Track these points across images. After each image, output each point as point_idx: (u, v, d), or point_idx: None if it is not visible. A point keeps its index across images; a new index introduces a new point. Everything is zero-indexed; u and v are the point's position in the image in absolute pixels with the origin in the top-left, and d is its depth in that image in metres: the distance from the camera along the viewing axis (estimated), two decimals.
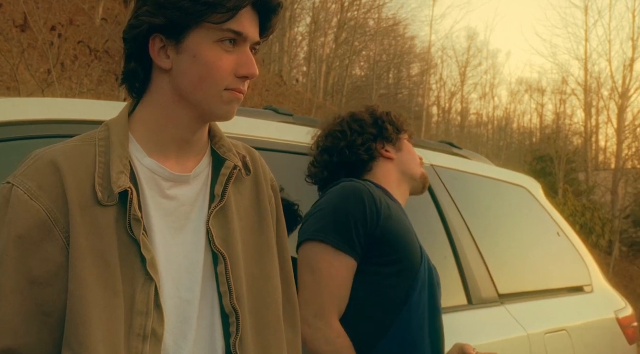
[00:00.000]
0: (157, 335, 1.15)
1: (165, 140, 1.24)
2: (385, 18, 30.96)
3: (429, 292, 1.78)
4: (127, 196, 1.15)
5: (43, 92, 7.25)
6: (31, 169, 1.15)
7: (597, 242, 17.29)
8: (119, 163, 1.17)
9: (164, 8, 1.17)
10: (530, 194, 3.51)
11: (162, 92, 1.23)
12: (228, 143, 1.34)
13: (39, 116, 1.70)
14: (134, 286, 1.14)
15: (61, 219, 1.12)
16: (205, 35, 1.19)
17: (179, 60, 1.20)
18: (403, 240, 1.77)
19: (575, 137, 29.01)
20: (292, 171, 2.24)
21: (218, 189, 1.27)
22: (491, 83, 38.46)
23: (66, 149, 1.19)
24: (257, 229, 1.35)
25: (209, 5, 1.16)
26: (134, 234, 1.15)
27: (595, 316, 3.21)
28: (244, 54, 1.22)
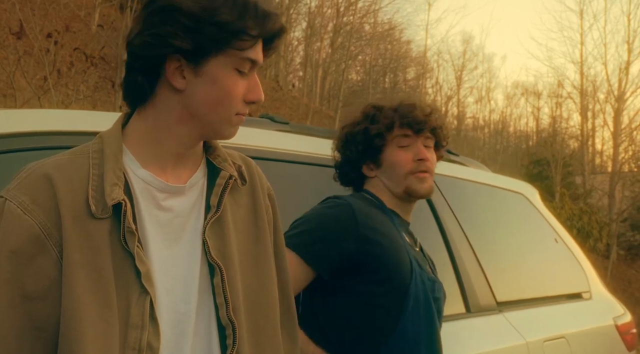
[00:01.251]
0: (153, 349, 1.13)
1: (162, 153, 1.23)
2: (381, 23, 31.06)
3: (425, 307, 1.75)
4: (121, 209, 1.14)
5: (39, 100, 7.23)
6: (24, 183, 1.14)
7: (595, 246, 17.30)
8: (113, 175, 1.16)
9: (190, 31, 1.15)
10: (528, 201, 3.51)
11: (169, 110, 1.22)
12: (224, 153, 1.34)
13: (34, 127, 1.69)
14: (129, 299, 1.13)
15: (55, 233, 1.11)
16: (226, 61, 1.19)
17: (196, 83, 1.19)
18: (388, 260, 1.74)
19: (571, 140, 29.08)
20: (289, 179, 2.23)
21: (214, 200, 1.26)
22: (487, 87, 38.57)
23: (60, 162, 1.18)
24: (253, 239, 1.34)
25: (234, 34, 1.17)
26: (128, 247, 1.14)
27: (594, 323, 3.20)
28: (253, 79, 1.25)
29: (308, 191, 2.10)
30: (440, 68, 36.43)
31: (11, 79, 7.61)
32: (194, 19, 1.15)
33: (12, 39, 9.32)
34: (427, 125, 1.88)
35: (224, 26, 1.15)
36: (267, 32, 1.21)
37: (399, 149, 1.89)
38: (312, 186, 2.06)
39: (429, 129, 1.89)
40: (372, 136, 1.89)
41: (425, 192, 1.88)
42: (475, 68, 37.62)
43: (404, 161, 1.87)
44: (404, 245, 1.81)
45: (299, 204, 1.97)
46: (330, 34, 27.38)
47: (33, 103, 7.35)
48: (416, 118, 1.88)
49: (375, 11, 29.68)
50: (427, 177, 1.87)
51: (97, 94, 10.90)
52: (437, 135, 1.93)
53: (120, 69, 8.92)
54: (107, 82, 11.41)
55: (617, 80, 24.74)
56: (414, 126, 1.87)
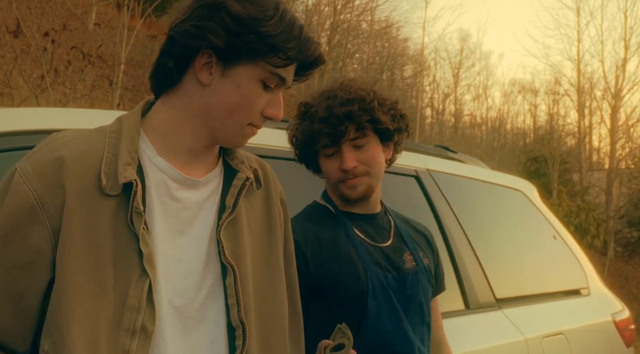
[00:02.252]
0: (147, 332, 1.13)
1: (176, 146, 1.25)
2: (378, 20, 31.02)
3: (390, 310, 1.73)
4: (131, 189, 1.15)
5: (37, 98, 7.22)
6: (37, 153, 1.17)
7: (592, 243, 17.32)
8: (127, 155, 1.18)
9: (231, 33, 1.17)
10: (527, 198, 3.51)
11: (189, 102, 1.23)
12: (241, 155, 1.35)
13: (33, 126, 1.68)
14: (128, 280, 1.13)
15: (50, 205, 1.12)
16: (255, 71, 1.21)
17: (221, 82, 1.21)
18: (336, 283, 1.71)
19: (568, 137, 29.06)
20: (286, 177, 2.23)
21: (229, 201, 1.27)
22: (484, 84, 38.52)
23: (78, 136, 1.20)
24: (266, 242, 1.35)
25: (272, 49, 1.18)
26: (134, 228, 1.15)
27: (592, 320, 3.21)
28: (276, 96, 1.26)
29: (305, 189, 2.10)
30: (437, 66, 36.43)
31: (8, 78, 7.59)
32: (237, 22, 1.17)
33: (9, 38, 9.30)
34: (348, 130, 1.73)
35: (264, 38, 1.18)
36: (304, 57, 1.23)
37: (325, 158, 1.80)
38: (309, 183, 2.06)
39: (352, 132, 1.74)
40: (302, 148, 1.84)
41: (359, 196, 1.79)
42: (473, 66, 37.61)
43: (331, 171, 1.79)
44: (359, 253, 1.76)
45: (300, 202, 1.97)
46: (328, 31, 27.35)
47: (30, 102, 7.34)
48: (333, 126, 1.73)
49: (372, 9, 29.69)
50: (356, 183, 1.77)
51: (94, 92, 10.88)
52: (375, 130, 1.77)
53: (118, 67, 8.90)
54: (105, 81, 11.40)
55: (614, 78, 24.79)
56: (333, 136, 1.74)
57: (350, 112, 1.73)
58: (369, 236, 1.83)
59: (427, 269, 1.87)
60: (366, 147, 1.77)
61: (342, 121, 1.72)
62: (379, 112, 1.76)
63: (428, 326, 1.85)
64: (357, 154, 1.76)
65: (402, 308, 1.76)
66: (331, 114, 1.73)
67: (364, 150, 1.77)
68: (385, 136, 1.81)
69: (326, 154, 1.79)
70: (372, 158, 1.78)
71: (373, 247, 1.81)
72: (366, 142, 1.77)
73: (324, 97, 1.79)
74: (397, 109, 1.84)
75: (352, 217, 1.84)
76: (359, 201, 1.81)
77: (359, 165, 1.76)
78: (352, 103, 1.74)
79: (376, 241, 1.83)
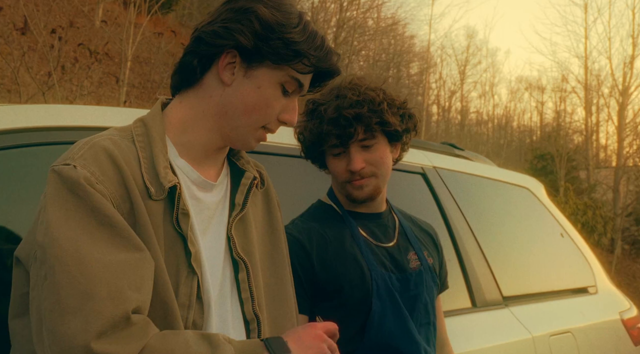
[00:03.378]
0: (197, 327, 1.18)
1: (195, 144, 1.27)
2: (385, 17, 30.94)
3: (394, 310, 1.73)
4: (174, 191, 1.18)
5: (44, 95, 7.23)
6: (89, 155, 1.15)
7: (599, 241, 17.26)
8: (163, 158, 1.21)
9: (257, 36, 1.21)
10: (533, 195, 3.50)
11: (209, 100, 1.26)
12: (246, 156, 1.39)
13: (40, 123, 1.69)
14: (177, 279, 1.17)
15: (122, 206, 1.14)
16: (277, 75, 1.24)
17: (242, 82, 1.25)
18: (342, 284, 1.72)
19: (575, 135, 28.96)
20: (292, 174, 2.23)
21: (239, 199, 1.32)
22: (491, 82, 38.37)
23: (115, 140, 1.20)
24: (269, 240, 1.40)
25: (298, 55, 1.22)
26: (180, 228, 1.18)
27: (600, 318, 3.19)
28: (292, 101, 1.29)
29: (311, 186, 2.10)
30: (443, 63, 36.28)
31: (15, 75, 7.61)
32: (265, 26, 1.21)
33: (16, 35, 9.32)
34: (357, 132, 1.72)
35: (289, 44, 1.21)
36: (326, 66, 1.28)
37: (333, 157, 1.80)
38: (315, 181, 2.06)
39: (361, 134, 1.73)
40: (309, 146, 1.84)
41: (365, 197, 1.79)
42: (479, 63, 37.46)
43: (338, 171, 1.79)
44: (363, 253, 1.77)
45: (302, 198, 1.97)
46: (334, 29, 27.30)
47: (37, 99, 7.35)
48: (342, 127, 1.72)
49: (378, 6, 29.60)
50: (363, 184, 1.76)
51: (101, 89, 10.90)
52: (384, 131, 1.77)
53: (124, 65, 8.91)
54: (111, 78, 11.41)
55: (621, 75, 24.62)
56: (341, 137, 1.73)
57: (360, 114, 1.72)
58: (374, 236, 1.83)
59: (431, 269, 1.87)
60: (374, 148, 1.76)
61: (351, 122, 1.72)
62: (388, 113, 1.75)
63: (434, 325, 1.85)
64: (365, 155, 1.75)
65: (407, 308, 1.76)
66: (340, 115, 1.72)
67: (372, 151, 1.76)
68: (393, 136, 1.80)
69: (334, 154, 1.79)
70: (379, 159, 1.77)
71: (377, 247, 1.81)
72: (374, 143, 1.76)
73: (332, 95, 1.78)
74: (406, 109, 1.83)
75: (357, 216, 1.84)
76: (365, 201, 1.81)
77: (367, 166, 1.75)
78: (362, 105, 1.73)
79: (381, 240, 1.83)
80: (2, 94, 8.76)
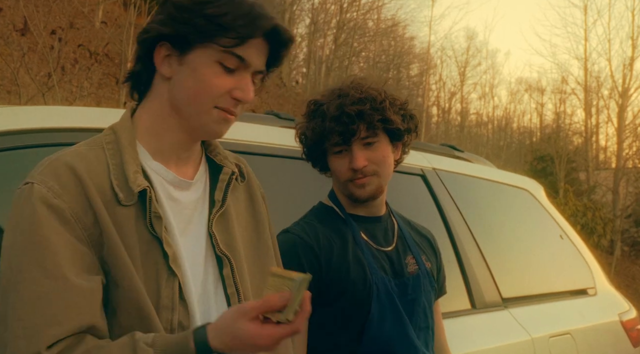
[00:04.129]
0: (184, 328, 1.18)
1: (165, 146, 1.27)
2: (385, 19, 30.95)
3: (393, 314, 1.73)
4: (145, 195, 1.18)
5: (44, 96, 7.23)
6: (49, 170, 1.16)
7: (599, 243, 17.25)
8: (133, 163, 1.21)
9: (176, 21, 1.20)
10: (533, 197, 3.50)
11: (161, 100, 1.26)
12: (223, 151, 1.39)
13: (39, 124, 1.69)
14: (158, 282, 1.17)
15: (84, 218, 1.14)
16: (210, 53, 1.21)
17: (180, 71, 1.23)
18: (346, 286, 1.72)
19: (575, 136, 28.95)
20: (294, 176, 2.23)
21: (218, 195, 1.31)
22: (491, 83, 38.34)
23: (78, 152, 1.21)
24: (254, 234, 1.40)
25: (221, 28, 1.19)
26: (155, 231, 1.18)
27: (599, 320, 3.19)
28: (243, 78, 1.24)
29: (313, 187, 2.10)
30: (443, 64, 36.27)
31: (15, 76, 7.61)
32: (181, 9, 1.20)
33: (16, 36, 9.32)
34: (359, 129, 1.72)
35: (211, 19, 1.18)
36: (255, 33, 1.21)
37: (335, 156, 1.79)
38: (317, 182, 2.06)
39: (363, 131, 1.72)
40: (310, 146, 1.83)
41: (367, 196, 1.78)
42: (479, 64, 37.44)
43: (340, 169, 1.78)
44: (365, 257, 1.77)
45: (304, 200, 1.97)
46: (334, 30, 27.32)
47: (37, 100, 7.35)
48: (344, 124, 1.71)
49: (378, 7, 29.62)
50: (365, 182, 1.76)
51: (101, 90, 10.90)
52: (386, 129, 1.77)
53: (124, 65, 8.92)
54: (111, 79, 11.41)
55: (621, 76, 24.63)
56: (343, 135, 1.73)
57: (362, 111, 1.72)
58: (374, 240, 1.83)
59: (429, 273, 1.87)
60: (376, 147, 1.76)
61: (354, 119, 1.72)
62: (390, 112, 1.75)
63: (432, 330, 1.85)
64: (367, 154, 1.75)
65: (406, 312, 1.76)
66: (343, 113, 1.72)
67: (374, 149, 1.76)
68: (395, 136, 1.80)
69: (336, 152, 1.78)
70: (381, 158, 1.77)
71: (378, 251, 1.81)
72: (377, 141, 1.76)
73: (335, 95, 1.78)
74: (407, 110, 1.83)
75: (358, 219, 1.84)
76: (367, 201, 1.80)
77: (369, 164, 1.75)
78: (364, 102, 1.73)
79: (381, 244, 1.83)
80: (1, 95, 8.76)
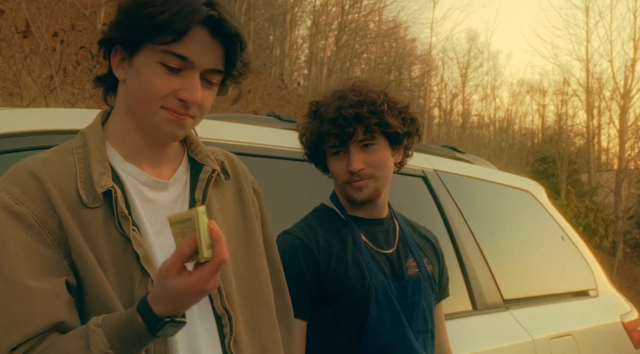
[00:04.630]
0: None
1: (134, 148, 1.27)
2: (386, 21, 31.00)
3: (392, 316, 1.73)
4: (111, 196, 1.18)
5: (46, 98, 7.25)
6: (11, 177, 1.18)
7: (601, 244, 17.24)
8: (99, 165, 1.21)
9: (122, 24, 1.21)
10: (535, 199, 3.50)
11: (121, 103, 1.28)
12: (205, 149, 1.37)
13: (41, 126, 1.69)
14: (132, 282, 1.17)
15: (49, 222, 1.14)
16: (152, 54, 1.20)
17: (130, 74, 1.23)
18: (344, 288, 1.72)
19: (577, 138, 28.95)
20: (295, 178, 2.23)
21: (198, 194, 1.30)
22: (492, 84, 38.37)
23: (44, 158, 1.22)
24: (242, 230, 1.38)
25: (157, 27, 1.16)
26: (124, 231, 1.18)
27: (601, 321, 3.19)
28: (189, 79, 1.21)
29: (314, 189, 2.10)
30: (445, 66, 36.37)
31: (17, 78, 7.63)
32: (123, 12, 1.21)
33: (18, 38, 9.33)
34: (356, 132, 1.71)
35: (149, 19, 1.17)
36: (185, 25, 1.16)
37: (333, 158, 1.79)
38: (319, 184, 2.06)
39: (360, 134, 1.71)
40: (310, 147, 1.83)
41: (364, 199, 1.77)
42: (481, 66, 37.51)
43: (338, 172, 1.78)
44: (365, 259, 1.77)
45: (305, 202, 1.98)
46: (335, 32, 27.36)
47: (39, 102, 7.36)
48: (341, 127, 1.71)
49: (380, 9, 29.67)
50: (362, 185, 1.75)
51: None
52: (384, 133, 1.75)
53: None
54: None
55: (623, 78, 24.67)
56: (340, 137, 1.72)
57: (359, 114, 1.71)
58: (375, 242, 1.83)
59: (430, 276, 1.86)
60: (374, 150, 1.75)
61: (351, 122, 1.71)
62: (389, 115, 1.74)
63: (432, 333, 1.84)
64: (364, 156, 1.74)
65: (406, 315, 1.75)
66: (340, 115, 1.72)
67: (371, 152, 1.75)
68: (394, 139, 1.78)
69: (334, 154, 1.78)
70: (379, 161, 1.76)
71: (378, 253, 1.81)
72: (374, 144, 1.75)
73: (334, 97, 1.78)
74: (407, 113, 1.81)
75: (359, 221, 1.84)
76: (364, 203, 1.80)
77: (366, 167, 1.74)
78: (362, 105, 1.72)
79: (381, 247, 1.83)
80: (4, 97, 8.78)
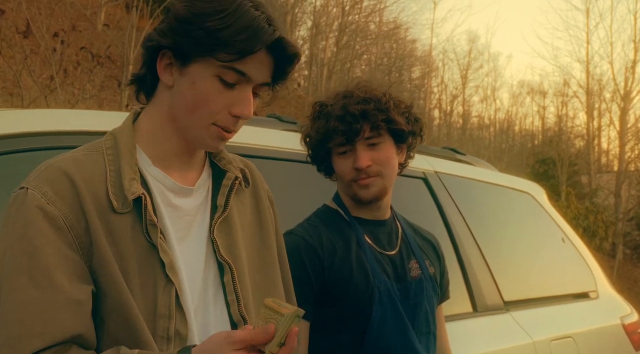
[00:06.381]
0: (182, 336, 1.17)
1: (166, 152, 1.26)
2: (387, 22, 30.99)
3: (395, 317, 1.73)
4: (141, 202, 1.18)
5: (46, 99, 7.25)
6: (44, 176, 1.16)
7: (601, 246, 17.24)
8: (130, 170, 1.20)
9: (176, 33, 1.18)
10: (535, 200, 3.50)
11: (162, 107, 1.25)
12: (228, 156, 1.37)
13: (43, 127, 1.69)
14: (155, 289, 1.17)
15: (77, 226, 1.13)
16: (209, 67, 1.18)
17: (180, 81, 1.21)
18: (348, 288, 1.72)
19: (577, 139, 28.96)
20: (296, 179, 2.23)
21: (220, 200, 1.30)
22: (493, 86, 38.34)
23: (76, 158, 1.21)
24: (259, 239, 1.38)
25: (220, 43, 1.15)
26: (151, 239, 1.18)
27: (601, 323, 3.19)
28: (243, 93, 1.21)
29: (315, 191, 2.10)
30: (445, 67, 36.33)
31: (18, 78, 7.64)
32: (180, 20, 1.18)
33: (18, 38, 9.35)
34: (363, 129, 1.72)
35: (211, 33, 1.15)
36: (253, 48, 1.16)
37: (338, 156, 1.79)
38: (320, 185, 2.06)
39: (367, 131, 1.73)
40: (315, 147, 1.83)
41: (371, 197, 1.78)
42: (481, 67, 37.49)
43: (344, 170, 1.78)
44: (368, 260, 1.77)
45: (306, 203, 1.98)
46: (336, 32, 27.34)
47: (39, 102, 7.37)
48: (348, 124, 1.72)
49: (380, 10, 29.66)
50: (369, 183, 1.75)
51: (103, 93, 10.91)
52: (390, 130, 1.76)
53: (126, 68, 8.94)
54: (113, 82, 11.43)
55: (623, 79, 24.63)
56: (347, 134, 1.73)
57: (366, 111, 1.72)
58: (378, 243, 1.83)
59: (432, 278, 1.87)
60: (380, 147, 1.76)
61: (358, 119, 1.72)
62: (395, 112, 1.75)
63: (434, 335, 1.85)
64: (371, 154, 1.75)
65: (408, 317, 1.76)
66: (347, 112, 1.73)
67: (378, 150, 1.76)
68: (399, 137, 1.80)
69: (340, 153, 1.78)
70: (385, 159, 1.77)
71: (381, 255, 1.81)
72: (381, 142, 1.76)
73: (340, 96, 1.79)
74: (411, 112, 1.83)
75: (363, 223, 1.84)
76: (370, 202, 1.80)
77: (373, 165, 1.75)
78: (368, 102, 1.74)
79: (384, 248, 1.83)
80: (4, 97, 8.78)
